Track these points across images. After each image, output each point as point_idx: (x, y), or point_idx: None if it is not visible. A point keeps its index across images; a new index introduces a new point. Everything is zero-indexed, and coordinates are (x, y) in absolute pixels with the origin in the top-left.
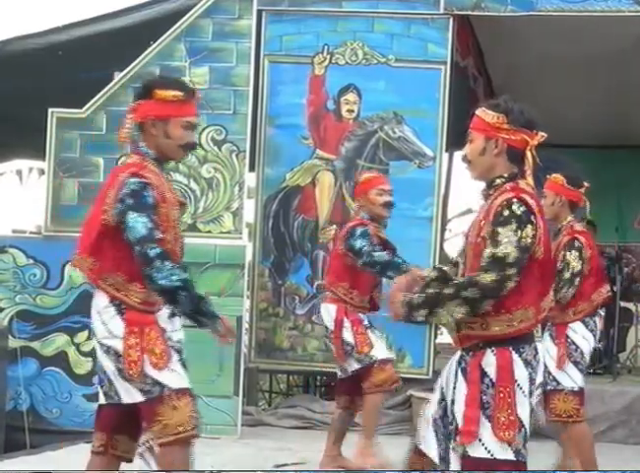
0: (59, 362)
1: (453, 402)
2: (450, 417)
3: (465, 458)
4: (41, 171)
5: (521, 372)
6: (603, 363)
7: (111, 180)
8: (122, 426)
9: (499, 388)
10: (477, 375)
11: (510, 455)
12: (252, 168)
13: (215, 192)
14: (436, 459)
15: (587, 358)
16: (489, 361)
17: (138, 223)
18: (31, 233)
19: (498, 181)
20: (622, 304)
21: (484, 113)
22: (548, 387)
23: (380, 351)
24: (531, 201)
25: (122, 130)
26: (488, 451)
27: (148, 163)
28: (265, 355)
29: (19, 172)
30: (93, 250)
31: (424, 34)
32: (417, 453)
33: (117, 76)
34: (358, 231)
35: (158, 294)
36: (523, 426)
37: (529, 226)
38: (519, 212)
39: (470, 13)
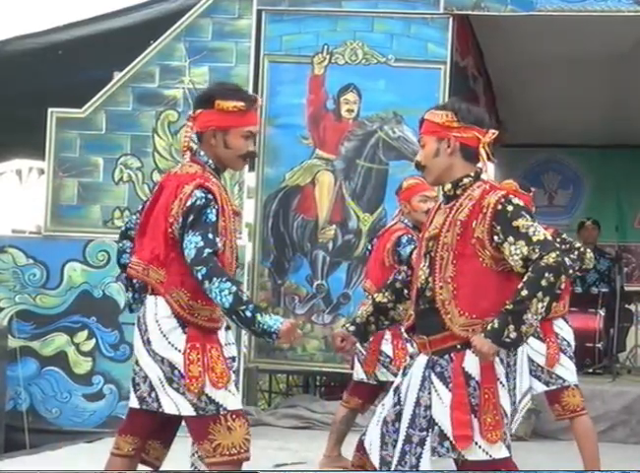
0: (59, 362)
1: (427, 408)
2: (420, 423)
3: (464, 464)
4: (41, 171)
5: (500, 370)
6: (603, 363)
7: (175, 189)
8: (158, 432)
9: (484, 389)
10: (462, 379)
11: (506, 453)
12: (252, 168)
13: None
14: (376, 462)
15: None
16: (472, 362)
17: (191, 243)
18: (30, 232)
19: (466, 181)
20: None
21: (433, 115)
22: (554, 387)
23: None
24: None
25: (183, 140)
26: (486, 453)
27: (207, 173)
28: (264, 355)
29: (18, 172)
30: (163, 262)
31: (424, 34)
32: (363, 451)
33: (117, 76)
34: (405, 238)
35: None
36: (506, 417)
37: (533, 215)
38: (522, 204)
39: (470, 13)
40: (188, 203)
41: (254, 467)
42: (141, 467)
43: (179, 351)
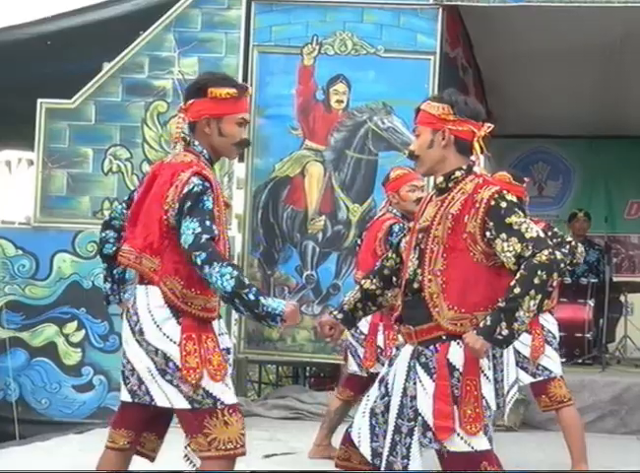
0: (48, 352)
1: (413, 398)
2: (407, 413)
3: (446, 454)
4: (30, 162)
5: (484, 362)
6: (592, 353)
7: (170, 177)
8: (152, 424)
9: (466, 381)
10: (445, 371)
11: (487, 445)
12: (241, 159)
13: None
14: (368, 454)
15: None
16: (456, 354)
17: (188, 229)
18: (20, 223)
19: (458, 174)
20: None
21: (430, 106)
22: (540, 378)
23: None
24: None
25: (175, 130)
26: (468, 444)
27: (202, 163)
28: (254, 345)
29: (8, 163)
30: (157, 250)
31: (414, 25)
32: (350, 444)
33: (106, 66)
34: (397, 227)
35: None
36: (489, 407)
37: (526, 212)
38: (515, 200)
39: (459, 3)
40: (185, 190)
41: (244, 457)
42: (139, 462)
43: (174, 342)
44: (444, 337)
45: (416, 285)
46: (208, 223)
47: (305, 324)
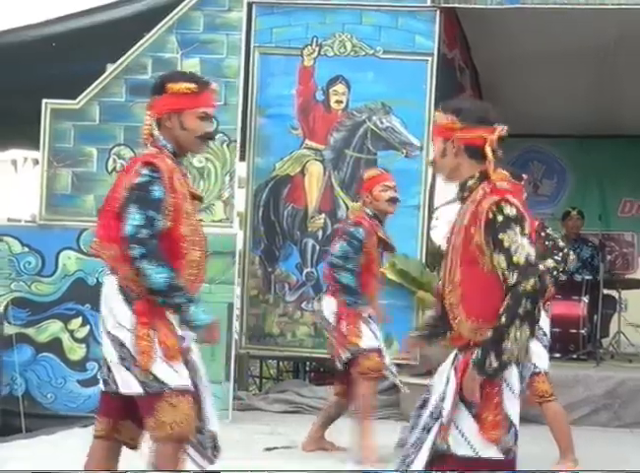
0: (54, 348)
1: (443, 399)
2: (436, 413)
3: (449, 456)
4: (36, 161)
5: (510, 371)
6: (587, 348)
7: (128, 168)
8: (127, 412)
9: (487, 388)
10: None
11: (497, 453)
12: (243, 158)
13: (206, 181)
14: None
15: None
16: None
17: (130, 218)
18: (25, 221)
19: (471, 183)
20: (606, 291)
21: (439, 117)
22: None
23: (367, 341)
24: (516, 201)
25: (143, 129)
26: (474, 450)
27: (164, 155)
28: (255, 341)
29: (14, 162)
30: (114, 238)
31: (412, 27)
32: None
33: (110, 68)
34: (352, 230)
35: (148, 292)
36: (512, 425)
37: (525, 223)
38: (512, 214)
39: (456, 5)
40: (134, 180)
41: (245, 450)
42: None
43: (128, 329)
44: (471, 344)
45: (444, 294)
46: (151, 213)
47: (305, 320)
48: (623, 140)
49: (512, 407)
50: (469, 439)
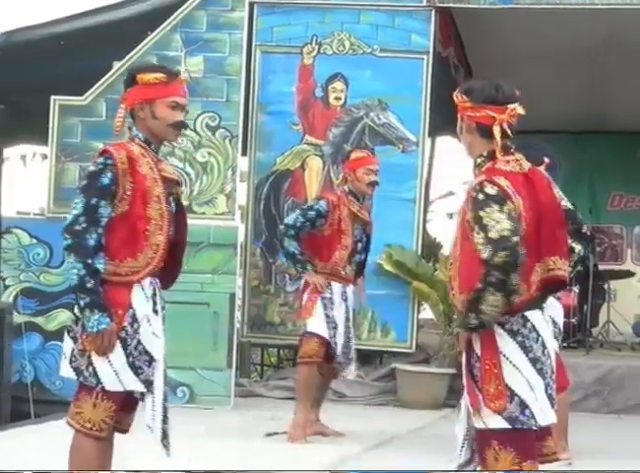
0: (62, 336)
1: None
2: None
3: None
4: (44, 156)
5: (506, 343)
6: (577, 337)
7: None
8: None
9: (485, 361)
10: (468, 350)
11: (504, 424)
12: (244, 153)
13: (209, 176)
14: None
15: None
16: (475, 335)
17: (72, 208)
18: (34, 214)
19: (479, 161)
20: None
21: (455, 97)
22: None
23: (314, 324)
24: (504, 182)
25: (115, 120)
26: (483, 422)
27: (134, 143)
28: (257, 330)
29: (23, 157)
30: None
31: (408, 26)
32: None
33: (116, 65)
34: (313, 204)
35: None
36: (515, 394)
37: (508, 202)
38: (493, 193)
39: (451, 5)
40: (89, 169)
41: (247, 436)
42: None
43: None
44: None
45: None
46: (94, 201)
47: None
48: (613, 136)
49: (514, 378)
50: (481, 413)
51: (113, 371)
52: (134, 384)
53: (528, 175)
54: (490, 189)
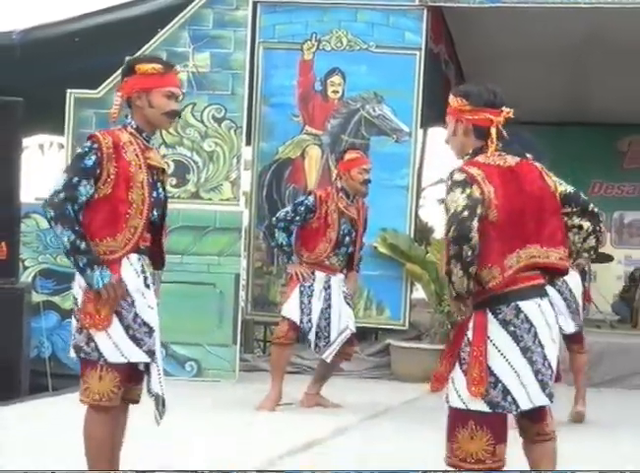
0: None
1: None
2: None
3: (449, 409)
4: (61, 145)
5: (497, 332)
6: None
7: None
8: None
9: (473, 347)
10: (461, 333)
11: (484, 407)
12: (248, 143)
13: (215, 164)
14: None
15: None
16: (471, 321)
17: (56, 182)
18: None
19: (465, 157)
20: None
21: (451, 99)
22: None
23: (288, 308)
24: (475, 170)
25: (113, 108)
26: (464, 402)
27: (124, 131)
28: (260, 308)
29: (41, 146)
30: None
31: (402, 24)
32: None
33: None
34: (303, 199)
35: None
36: (499, 381)
37: (474, 186)
38: (460, 178)
39: (442, 4)
40: (76, 151)
41: (251, 407)
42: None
43: (82, 289)
44: (473, 307)
45: None
46: (75, 180)
47: None
48: (592, 128)
49: (500, 366)
50: (459, 393)
51: (113, 344)
52: (137, 356)
53: (513, 168)
54: (458, 176)
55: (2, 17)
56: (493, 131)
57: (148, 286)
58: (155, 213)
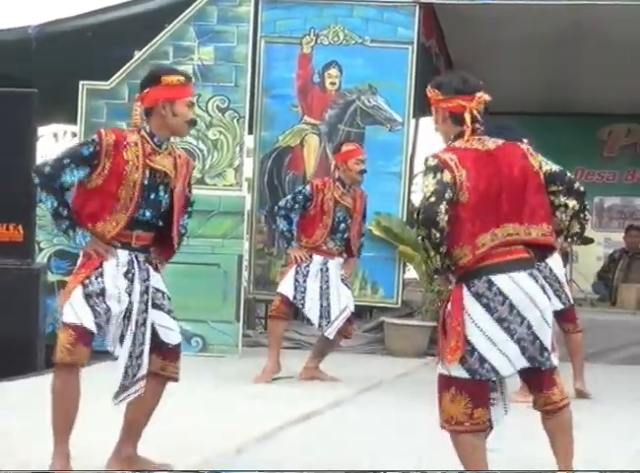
0: None
1: None
2: None
3: (438, 376)
4: (74, 134)
5: (471, 304)
6: None
7: None
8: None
9: (452, 318)
10: (447, 306)
11: (464, 374)
12: (250, 132)
13: (219, 152)
14: None
15: None
16: (452, 295)
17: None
18: None
19: (448, 143)
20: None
21: (427, 91)
22: None
23: (283, 286)
24: (448, 155)
25: (133, 116)
26: (447, 370)
27: (135, 132)
28: (261, 287)
29: (55, 135)
30: None
31: (395, 19)
32: None
33: (137, 54)
34: (301, 188)
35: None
36: (475, 350)
37: (445, 171)
38: (433, 164)
39: (433, 1)
40: None
41: (253, 380)
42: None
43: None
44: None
45: None
46: (66, 161)
47: None
48: (576, 117)
49: (475, 335)
50: (444, 361)
51: (70, 306)
52: (88, 323)
53: (491, 152)
54: (431, 162)
55: (19, 12)
56: (467, 116)
57: (131, 280)
58: (147, 213)
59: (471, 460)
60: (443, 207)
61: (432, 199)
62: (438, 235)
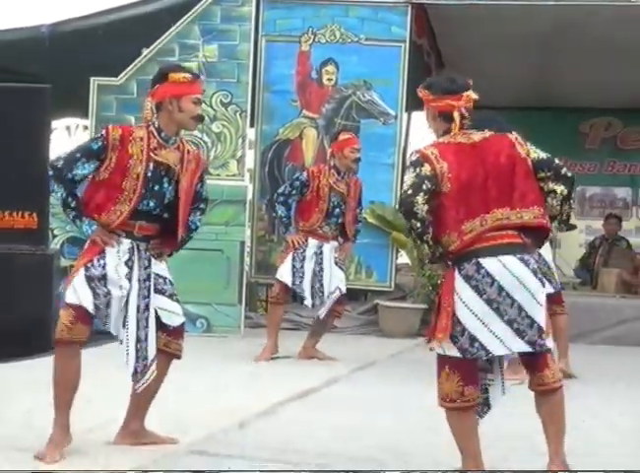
0: None
1: None
2: None
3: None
4: (85, 127)
5: (462, 286)
6: None
7: None
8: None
9: (443, 299)
10: (440, 288)
11: (456, 353)
12: (252, 125)
13: (222, 144)
14: None
15: None
16: (444, 277)
17: (61, 152)
18: None
19: (434, 142)
20: None
21: (418, 91)
22: None
23: (281, 272)
24: (430, 150)
25: (145, 111)
26: (442, 349)
27: (143, 128)
28: (263, 271)
29: (67, 128)
30: None
31: (389, 19)
32: None
33: (145, 51)
34: (298, 175)
35: None
36: (465, 329)
37: (425, 165)
38: (414, 159)
39: (425, 1)
40: None
41: (254, 359)
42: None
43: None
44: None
45: None
46: (77, 155)
47: None
48: (559, 111)
49: (465, 315)
50: (434, 339)
51: (73, 287)
52: (87, 303)
53: (476, 144)
54: (413, 156)
55: (33, 12)
56: (456, 115)
57: (131, 267)
58: (150, 204)
59: (462, 436)
60: (420, 198)
61: (409, 192)
62: (419, 224)
